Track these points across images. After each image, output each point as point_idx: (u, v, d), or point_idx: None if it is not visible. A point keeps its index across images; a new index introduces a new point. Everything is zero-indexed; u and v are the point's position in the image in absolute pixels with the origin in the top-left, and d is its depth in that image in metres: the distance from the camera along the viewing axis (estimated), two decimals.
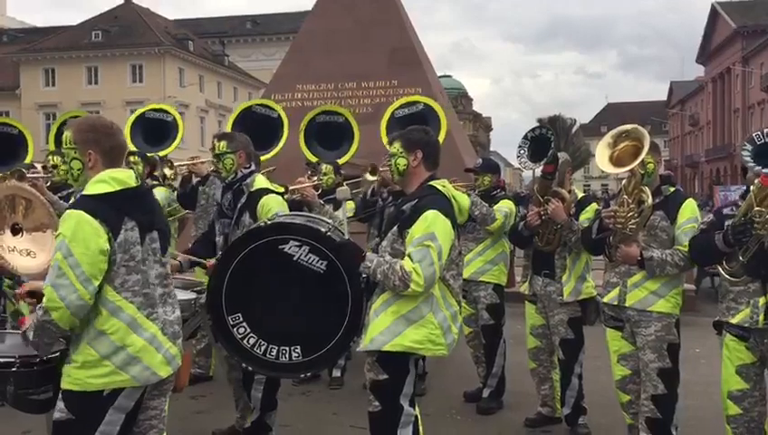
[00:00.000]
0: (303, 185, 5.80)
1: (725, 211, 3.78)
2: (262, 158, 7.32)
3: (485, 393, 5.42)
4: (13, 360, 2.84)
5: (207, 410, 5.29)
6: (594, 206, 4.77)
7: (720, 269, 3.66)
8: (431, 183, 3.44)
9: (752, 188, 3.50)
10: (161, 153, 7.20)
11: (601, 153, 3.98)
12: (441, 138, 7.51)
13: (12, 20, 59.00)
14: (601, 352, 4.54)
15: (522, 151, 5.31)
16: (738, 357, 3.64)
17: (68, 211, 2.72)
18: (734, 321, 3.63)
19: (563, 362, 4.79)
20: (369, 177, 5.79)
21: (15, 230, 3.38)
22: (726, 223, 3.59)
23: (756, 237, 3.45)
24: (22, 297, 2.88)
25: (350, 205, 5.68)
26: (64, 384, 2.73)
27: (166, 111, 8.29)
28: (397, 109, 7.71)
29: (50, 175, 5.85)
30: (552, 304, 4.75)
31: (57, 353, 2.83)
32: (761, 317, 3.51)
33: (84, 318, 2.69)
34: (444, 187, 3.45)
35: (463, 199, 3.59)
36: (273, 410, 4.38)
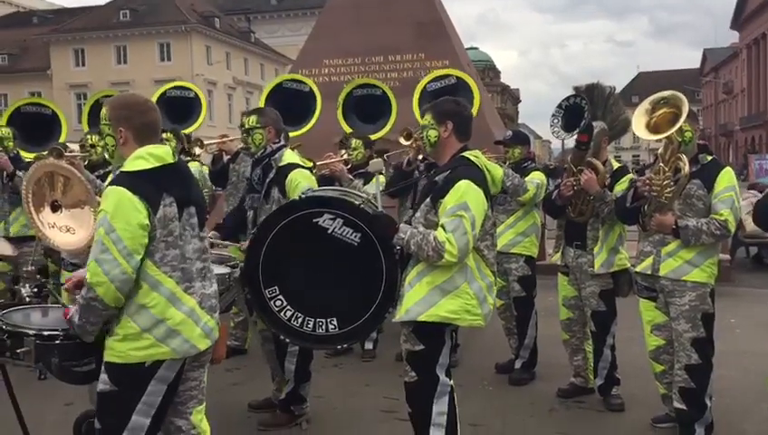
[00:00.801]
0: (331, 160, 5.82)
1: None
2: (295, 133, 7.37)
3: (517, 365, 5.44)
4: (57, 332, 2.91)
5: (243, 383, 5.38)
6: (630, 176, 4.72)
7: None
8: (464, 154, 3.43)
9: None
10: (186, 131, 7.24)
11: (638, 120, 3.93)
12: (474, 110, 7.48)
13: (41, 1, 59.58)
14: (635, 323, 4.53)
15: (555, 121, 5.25)
16: None
17: (109, 188, 2.77)
18: None
19: (595, 333, 4.78)
20: (402, 141, 5.77)
21: (55, 207, 3.45)
22: None
23: None
24: (68, 290, 2.94)
25: (382, 178, 5.68)
26: (107, 357, 2.79)
27: (187, 89, 8.33)
28: (429, 82, 7.67)
29: (87, 154, 5.95)
30: (584, 276, 4.73)
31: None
32: None
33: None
34: (477, 157, 3.44)
35: (496, 170, 3.57)
36: (306, 381, 4.45)
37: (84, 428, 3.81)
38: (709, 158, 4.06)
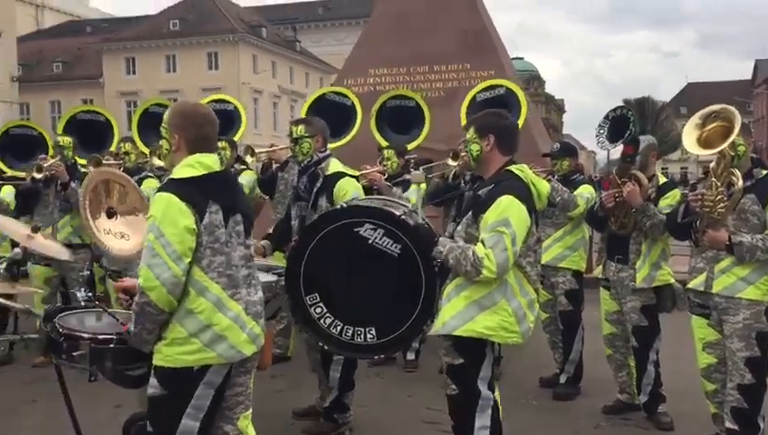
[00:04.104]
0: (369, 171, 5.86)
1: None
2: (333, 145, 7.43)
3: (562, 379, 5.37)
4: (111, 336, 2.98)
5: (286, 390, 5.42)
6: (676, 192, 4.63)
7: None
8: (509, 168, 3.40)
9: None
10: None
11: (689, 135, 3.86)
12: (521, 122, 7.43)
13: (95, 11, 61.33)
14: (681, 339, 4.44)
15: (601, 131, 5.20)
16: None
17: (157, 194, 2.83)
18: None
19: (637, 349, 4.69)
20: (450, 162, 5.78)
21: (110, 213, 3.54)
22: None
23: None
24: (117, 292, 3.01)
25: (423, 186, 5.68)
26: (156, 361, 2.84)
27: (226, 101, 8.47)
28: (479, 92, 7.66)
29: (121, 162, 6.08)
30: (625, 290, 4.65)
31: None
32: None
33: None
34: (522, 172, 3.40)
35: (542, 185, 3.53)
36: (350, 390, 4.46)
37: (133, 430, 3.88)
38: (764, 172, 3.96)
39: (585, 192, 5.20)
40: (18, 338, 3.50)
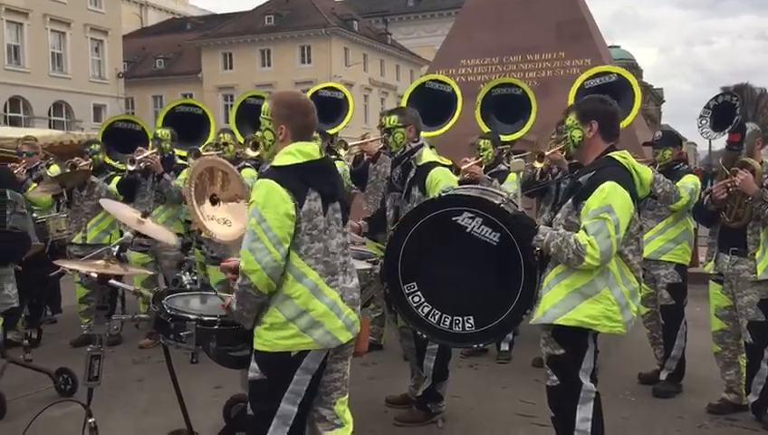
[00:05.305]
0: (469, 164, 5.81)
1: None
2: (432, 133, 7.42)
3: (663, 376, 5.17)
4: (215, 318, 3.10)
5: (380, 377, 5.47)
6: None
7: None
8: (610, 154, 3.31)
9: None
10: (331, 131, 7.45)
11: None
12: (634, 112, 7.19)
13: (194, 8, 63.53)
14: None
15: (703, 122, 4.95)
16: None
17: (259, 180, 2.90)
18: None
19: (751, 346, 4.46)
20: (537, 164, 5.67)
21: (213, 200, 3.67)
22: None
23: None
24: (225, 272, 3.10)
25: (513, 177, 5.59)
26: (256, 345, 2.92)
27: (337, 90, 8.57)
28: (588, 79, 7.44)
29: (221, 152, 6.28)
30: (742, 284, 4.42)
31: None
32: None
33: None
34: (624, 158, 3.30)
35: (645, 172, 3.41)
36: (444, 380, 4.46)
37: (233, 411, 4.03)
38: None
39: (689, 182, 4.97)
40: (130, 318, 3.68)
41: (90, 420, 3.36)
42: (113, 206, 3.62)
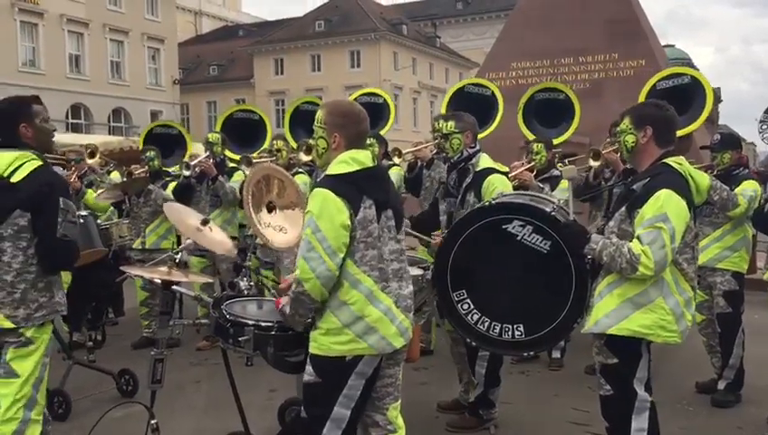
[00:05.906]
0: (519, 170, 5.75)
1: None
2: None
3: (721, 385, 5.06)
4: (272, 324, 3.18)
5: (431, 382, 5.50)
6: None
7: None
8: (665, 160, 3.25)
9: None
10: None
11: None
12: (705, 114, 7.05)
13: (246, 15, 64.57)
14: None
15: (764, 126, 4.83)
16: None
17: (315, 190, 2.95)
18: None
19: None
20: (592, 162, 5.59)
21: (270, 208, 3.75)
22: None
23: None
24: (281, 292, 3.17)
25: (565, 184, 5.53)
26: (312, 349, 2.98)
27: (376, 95, 8.64)
28: (660, 80, 7.33)
29: (274, 158, 6.37)
30: None
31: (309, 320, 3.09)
32: None
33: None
34: (680, 164, 3.24)
35: (702, 178, 3.35)
36: (496, 386, 4.46)
37: (287, 414, 4.11)
38: None
39: (748, 189, 4.82)
40: (191, 322, 3.79)
41: (152, 422, 3.47)
42: (176, 213, 3.71)
